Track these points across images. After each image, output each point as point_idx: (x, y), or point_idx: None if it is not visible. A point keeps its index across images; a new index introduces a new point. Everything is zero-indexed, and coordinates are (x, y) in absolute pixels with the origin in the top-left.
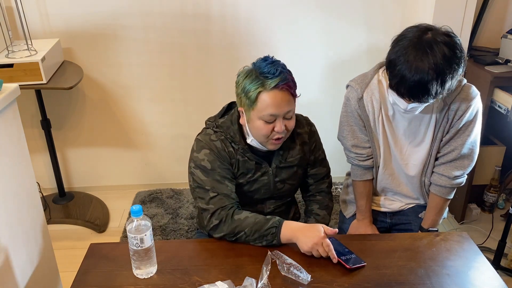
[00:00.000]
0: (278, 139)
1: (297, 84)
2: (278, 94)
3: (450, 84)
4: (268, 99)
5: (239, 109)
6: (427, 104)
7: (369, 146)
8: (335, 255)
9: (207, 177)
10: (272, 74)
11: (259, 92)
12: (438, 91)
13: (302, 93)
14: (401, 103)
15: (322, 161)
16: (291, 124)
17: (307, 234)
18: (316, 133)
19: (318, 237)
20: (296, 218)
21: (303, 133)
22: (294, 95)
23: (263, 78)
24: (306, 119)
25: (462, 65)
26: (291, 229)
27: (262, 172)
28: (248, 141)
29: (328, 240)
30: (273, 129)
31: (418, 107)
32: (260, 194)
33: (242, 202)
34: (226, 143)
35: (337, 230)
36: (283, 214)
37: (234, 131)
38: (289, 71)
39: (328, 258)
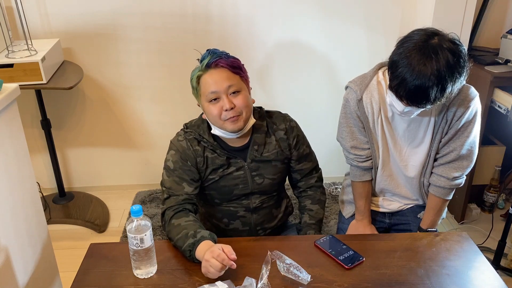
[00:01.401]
0: (232, 117)
1: (245, 70)
2: (214, 72)
3: (450, 91)
4: (206, 79)
5: (198, 105)
6: (424, 109)
7: (368, 147)
8: (230, 261)
9: (168, 177)
10: (205, 57)
11: (198, 77)
12: (437, 98)
13: (302, 93)
14: (398, 105)
15: (307, 156)
16: (240, 100)
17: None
18: (297, 129)
19: (206, 256)
20: (289, 212)
21: (280, 130)
22: (235, 72)
23: (199, 64)
24: (285, 116)
25: (464, 74)
26: (203, 251)
27: (236, 167)
28: (213, 131)
29: (217, 250)
30: (222, 109)
31: (414, 111)
32: (239, 190)
33: (227, 199)
34: (192, 142)
35: (234, 258)
36: (273, 208)
37: (204, 129)
38: (232, 56)
39: (328, 258)
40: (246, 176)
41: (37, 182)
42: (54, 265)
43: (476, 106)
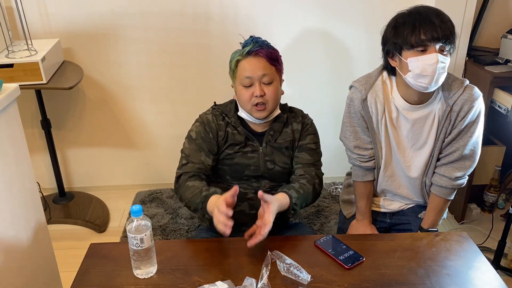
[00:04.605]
0: (259, 105)
1: (282, 62)
2: (252, 60)
3: (454, 29)
4: (244, 64)
5: (231, 86)
6: (443, 63)
7: (371, 147)
8: (228, 216)
9: (189, 146)
10: (248, 44)
11: (237, 61)
12: (447, 24)
13: (302, 92)
14: (416, 66)
15: (310, 150)
16: (270, 91)
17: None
18: (312, 127)
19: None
20: None
21: (297, 122)
22: (272, 64)
23: (241, 48)
24: (306, 115)
25: (456, 37)
26: (212, 204)
27: (252, 149)
28: (239, 113)
29: (220, 201)
30: (252, 94)
31: (431, 63)
32: (251, 171)
33: (238, 177)
34: (218, 117)
35: (234, 191)
36: None
37: (231, 108)
38: (272, 47)
39: (328, 258)
40: (259, 159)
41: (37, 182)
42: (54, 265)
43: (479, 106)
